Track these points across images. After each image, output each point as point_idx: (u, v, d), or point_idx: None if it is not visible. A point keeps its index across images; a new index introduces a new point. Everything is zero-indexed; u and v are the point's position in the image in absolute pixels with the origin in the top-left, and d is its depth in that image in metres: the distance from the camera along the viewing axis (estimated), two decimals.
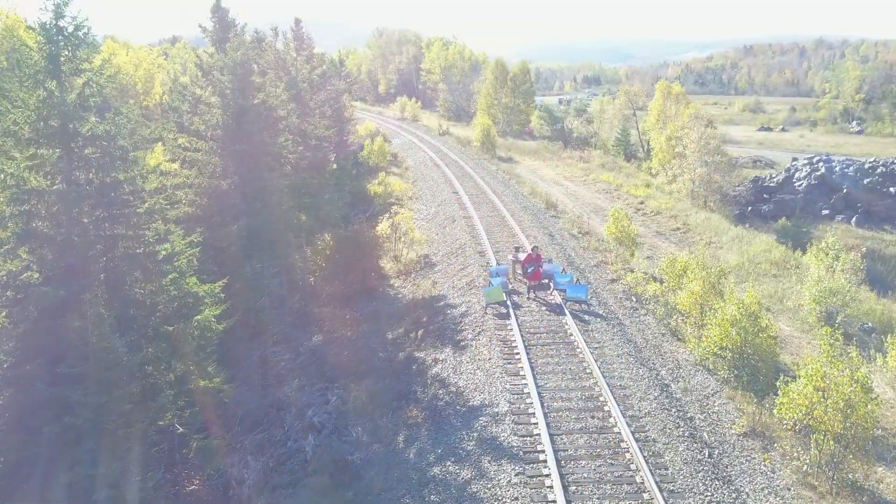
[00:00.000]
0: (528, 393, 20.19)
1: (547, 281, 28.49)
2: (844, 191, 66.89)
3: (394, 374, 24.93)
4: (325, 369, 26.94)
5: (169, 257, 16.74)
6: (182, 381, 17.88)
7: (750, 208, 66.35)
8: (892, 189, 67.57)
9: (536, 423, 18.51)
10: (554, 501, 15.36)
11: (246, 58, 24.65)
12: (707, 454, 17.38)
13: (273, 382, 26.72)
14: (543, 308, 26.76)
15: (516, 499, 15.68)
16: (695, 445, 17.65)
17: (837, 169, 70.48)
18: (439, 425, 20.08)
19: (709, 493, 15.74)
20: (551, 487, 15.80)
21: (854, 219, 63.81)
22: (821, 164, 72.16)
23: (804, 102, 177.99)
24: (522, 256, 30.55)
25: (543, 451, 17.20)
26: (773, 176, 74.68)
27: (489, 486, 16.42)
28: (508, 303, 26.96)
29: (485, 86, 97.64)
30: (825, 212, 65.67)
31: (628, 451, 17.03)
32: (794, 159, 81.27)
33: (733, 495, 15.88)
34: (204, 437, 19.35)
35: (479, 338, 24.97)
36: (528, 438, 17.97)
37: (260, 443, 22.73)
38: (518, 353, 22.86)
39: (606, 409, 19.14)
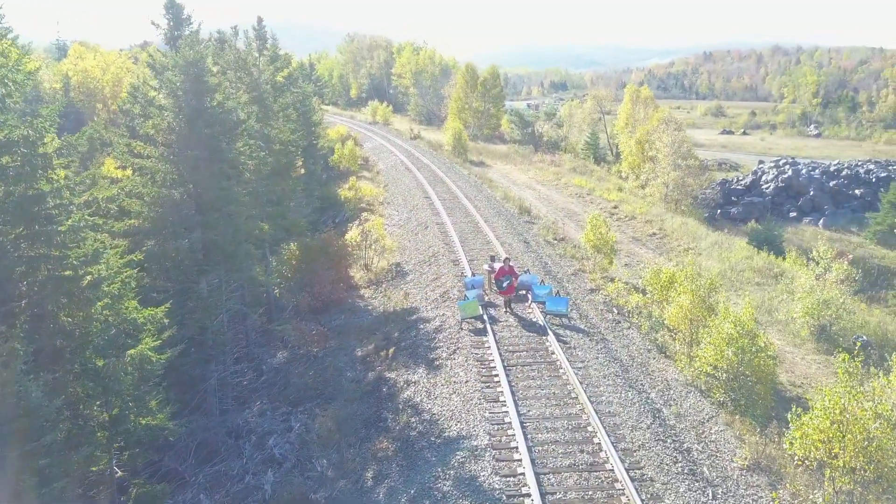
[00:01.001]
0: (510, 423, 17.80)
1: (524, 292, 26.18)
2: (811, 193, 65.72)
3: (362, 398, 22.41)
4: (289, 391, 24.31)
5: (96, 282, 13.98)
6: (119, 420, 15.17)
7: (719, 211, 64.90)
8: (857, 191, 66.57)
9: (520, 460, 16.14)
10: None
11: (200, 56, 21.93)
12: (711, 494, 15.12)
13: (232, 406, 24.01)
14: (522, 323, 24.40)
15: None
16: (696, 485, 15.38)
17: (804, 172, 69.35)
18: (412, 460, 17.61)
19: None
20: None
21: (821, 221, 62.60)
22: (787, 167, 71.03)
23: (763, 107, 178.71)
24: (498, 266, 28.21)
25: (529, 495, 14.82)
26: (741, 179, 73.41)
27: None
28: (485, 317, 24.56)
29: (455, 90, 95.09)
30: (792, 214, 64.44)
31: (624, 494, 14.71)
32: (761, 162, 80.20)
33: None
34: (146, 481, 16.65)
35: (454, 357, 22.53)
36: (512, 479, 15.57)
37: (215, 476, 20.03)
38: (497, 375, 20.47)
39: (596, 440, 16.82)
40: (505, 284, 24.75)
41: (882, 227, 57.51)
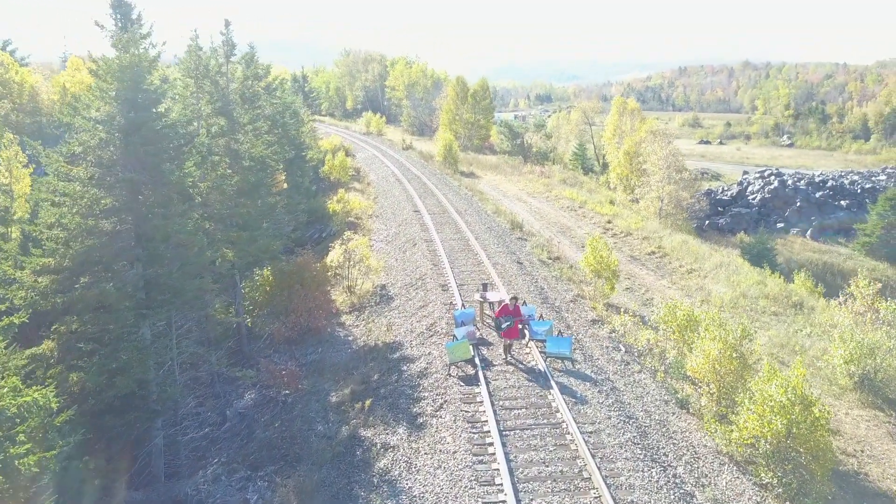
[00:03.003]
0: None
1: (521, 327, 21.25)
2: (798, 204, 61.22)
3: (333, 461, 17.49)
4: (251, 448, 19.36)
5: None
6: None
7: (707, 221, 60.37)
8: (842, 202, 62.11)
9: None
10: None
11: (137, 59, 17.06)
12: None
13: (185, 464, 19.08)
14: (519, 367, 19.54)
15: None
16: None
17: (789, 182, 64.85)
18: None
19: None
20: None
21: (809, 232, 58.14)
22: (773, 177, 66.50)
23: (737, 118, 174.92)
24: (491, 296, 23.34)
25: None
26: (726, 189, 68.90)
27: None
28: (477, 360, 19.68)
29: (446, 102, 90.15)
30: (780, 225, 59.95)
31: None
32: (746, 172, 75.73)
33: None
34: None
35: (440, 413, 17.65)
36: None
37: None
38: (492, 444, 15.62)
39: None
40: (505, 325, 19.69)
41: (871, 239, 53.14)
